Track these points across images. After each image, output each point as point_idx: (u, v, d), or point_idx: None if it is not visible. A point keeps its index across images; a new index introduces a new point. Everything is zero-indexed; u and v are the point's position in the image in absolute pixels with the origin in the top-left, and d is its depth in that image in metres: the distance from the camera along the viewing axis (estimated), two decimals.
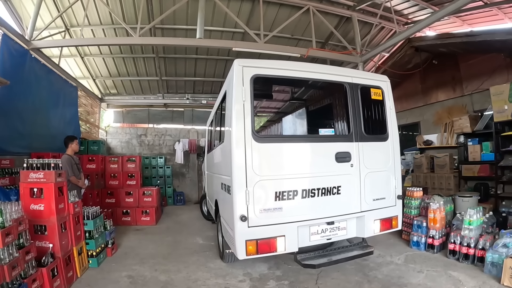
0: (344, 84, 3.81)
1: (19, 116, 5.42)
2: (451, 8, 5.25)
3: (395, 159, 4.06)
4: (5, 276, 2.57)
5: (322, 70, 3.83)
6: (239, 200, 3.19)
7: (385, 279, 3.64)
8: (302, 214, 3.40)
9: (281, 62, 3.66)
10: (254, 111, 3.35)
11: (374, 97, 4.00)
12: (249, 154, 3.24)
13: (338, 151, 3.62)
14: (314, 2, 6.89)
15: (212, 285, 3.64)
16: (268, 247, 3.24)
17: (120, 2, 6.61)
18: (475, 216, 4.20)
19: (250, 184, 3.21)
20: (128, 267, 4.23)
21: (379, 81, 4.12)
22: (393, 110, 4.14)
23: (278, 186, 3.32)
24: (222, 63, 9.73)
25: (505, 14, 6.75)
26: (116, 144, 11.00)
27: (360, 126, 3.81)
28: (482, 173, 6.61)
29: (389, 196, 3.97)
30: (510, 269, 3.38)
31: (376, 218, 3.81)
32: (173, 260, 4.55)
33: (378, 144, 3.97)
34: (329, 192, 3.54)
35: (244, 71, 3.35)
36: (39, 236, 3.42)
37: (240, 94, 3.28)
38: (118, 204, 7.24)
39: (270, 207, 3.27)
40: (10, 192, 4.10)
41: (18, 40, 5.50)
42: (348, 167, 3.67)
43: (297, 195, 3.39)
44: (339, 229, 3.68)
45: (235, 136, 3.24)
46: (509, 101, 5.79)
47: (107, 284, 3.67)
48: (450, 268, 3.93)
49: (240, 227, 3.17)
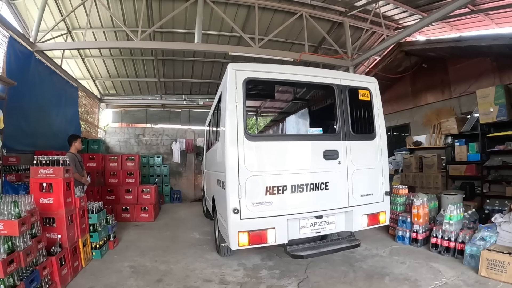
0: (332, 86, 3.98)
1: (24, 116, 5.65)
2: (438, 15, 5.55)
3: (382, 157, 4.21)
4: (21, 261, 2.81)
5: (311, 72, 3.99)
6: (232, 194, 3.38)
7: (370, 269, 3.92)
8: (292, 208, 3.58)
9: (272, 66, 3.84)
10: (246, 112, 3.55)
11: (362, 98, 4.16)
12: (242, 151, 3.43)
13: (326, 149, 3.79)
14: (308, 8, 7.17)
15: (209, 274, 3.90)
16: (259, 238, 3.42)
17: (121, 7, 6.84)
18: (455, 211, 4.50)
19: (242, 179, 3.40)
20: (130, 259, 4.48)
21: (367, 82, 4.28)
22: (380, 110, 4.28)
23: (268, 181, 3.50)
24: (218, 66, 9.99)
25: (492, 20, 7.06)
26: (114, 144, 11.23)
27: (347, 126, 3.97)
28: (469, 173, 6.90)
29: (377, 192, 4.11)
30: (486, 261, 3.62)
31: (364, 213, 3.95)
32: (172, 252, 4.80)
33: (365, 143, 4.12)
34: (317, 187, 3.71)
35: (237, 74, 3.55)
36: (48, 227, 3.64)
37: (233, 95, 3.48)
38: (118, 201, 7.48)
39: (261, 200, 3.46)
40: (19, 187, 4.32)
41: (23, 43, 5.73)
42: (336, 164, 3.84)
43: (287, 190, 3.56)
44: (328, 223, 3.83)
45: (229, 134, 3.45)
46: (494, 104, 6.07)
47: (111, 273, 3.92)
48: (431, 260, 4.21)
49: (233, 219, 3.36)
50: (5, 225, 2.79)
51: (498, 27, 7.09)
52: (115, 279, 3.73)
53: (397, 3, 6.88)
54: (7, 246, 2.72)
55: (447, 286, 3.46)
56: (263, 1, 6.81)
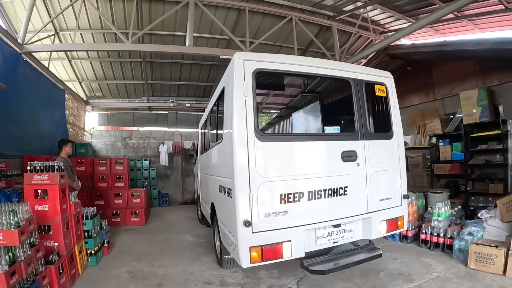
0: (349, 80, 3.64)
1: (12, 119, 5.50)
2: (426, 21, 5.81)
3: (400, 157, 3.92)
4: (22, 272, 2.76)
5: (326, 65, 3.63)
6: (242, 204, 2.97)
7: (364, 266, 3.97)
8: (309, 217, 3.22)
9: (284, 56, 3.48)
10: (257, 108, 3.12)
11: (378, 94, 3.85)
12: (252, 154, 3.02)
13: (344, 150, 3.45)
14: (297, 12, 7.27)
15: (208, 276, 3.93)
16: (274, 253, 3.02)
17: (111, 8, 6.76)
18: (443, 208, 4.74)
19: (254, 186, 3.00)
20: (126, 264, 4.44)
21: (383, 77, 3.96)
22: (397, 107, 3.99)
23: (283, 188, 3.11)
24: (206, 68, 10.00)
25: (475, 25, 7.34)
26: (101, 147, 11.03)
27: (365, 124, 3.64)
28: (453, 172, 7.19)
29: (395, 196, 3.82)
30: (475, 254, 3.85)
31: (382, 219, 3.65)
32: (168, 256, 4.80)
33: (383, 142, 3.81)
34: (336, 193, 3.36)
35: (245, 64, 3.13)
36: (44, 235, 3.56)
37: (242, 89, 3.06)
38: (108, 206, 7.36)
39: (275, 210, 3.07)
40: (11, 194, 4.21)
41: (11, 44, 5.57)
42: (354, 166, 3.50)
43: (303, 197, 3.19)
44: (346, 232, 3.51)
45: (237, 135, 3.02)
46: (477, 105, 6.36)
47: (109, 279, 3.89)
48: (422, 255, 4.40)
49: (244, 233, 2.95)
50: (4, 235, 2.75)
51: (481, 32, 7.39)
52: (115, 286, 3.72)
53: (385, 9, 7.08)
54: (8, 258, 2.67)
55: (439, 279, 3.65)
56: (253, 4, 6.87)
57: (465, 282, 3.52)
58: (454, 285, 3.47)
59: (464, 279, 3.61)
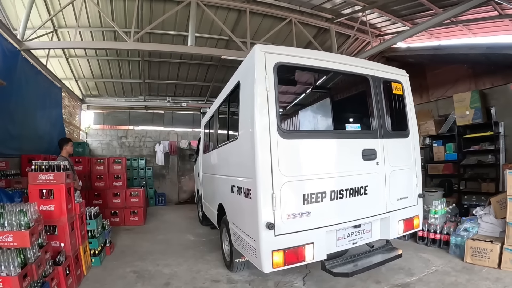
0: (367, 77, 3.62)
1: (10, 118, 5.42)
2: (424, 26, 6.04)
3: (415, 156, 3.92)
4: (34, 274, 2.75)
5: (346, 61, 3.58)
6: (265, 206, 2.85)
7: None
8: (331, 218, 3.16)
9: (305, 50, 3.42)
10: (279, 103, 3.01)
11: (395, 92, 3.84)
12: (275, 152, 2.91)
13: (365, 148, 3.41)
14: (296, 14, 7.35)
15: (214, 274, 3.99)
16: (296, 256, 2.93)
17: (111, 6, 6.71)
18: (439, 206, 4.97)
19: (277, 186, 2.89)
20: (130, 264, 4.46)
21: (399, 75, 3.95)
22: (412, 105, 3.98)
23: (306, 188, 3.03)
24: (204, 68, 10.00)
25: (469, 30, 7.51)
26: (96, 146, 10.96)
27: (384, 122, 3.63)
28: (446, 171, 7.40)
29: (411, 195, 3.81)
30: (471, 249, 4.08)
31: (400, 219, 3.63)
32: (171, 255, 4.84)
33: (400, 141, 3.80)
34: (357, 192, 3.31)
35: (267, 57, 3.02)
36: (50, 236, 3.52)
37: (263, 83, 2.94)
38: (106, 205, 7.31)
39: (298, 211, 2.97)
40: (14, 194, 4.17)
41: (11, 40, 5.50)
42: (374, 165, 3.47)
43: (326, 197, 3.12)
44: (365, 232, 3.48)
45: (259, 132, 2.89)
46: (470, 108, 6.56)
47: (115, 280, 3.91)
48: (420, 251, 4.59)
49: (266, 236, 2.83)
50: (15, 237, 2.74)
51: (474, 37, 7.58)
52: (122, 286, 3.74)
53: (383, 13, 7.21)
54: (20, 259, 2.66)
55: (438, 272, 3.85)
56: (254, 6, 6.93)
57: (463, 275, 3.71)
58: (452, 278, 3.65)
59: (462, 272, 3.80)
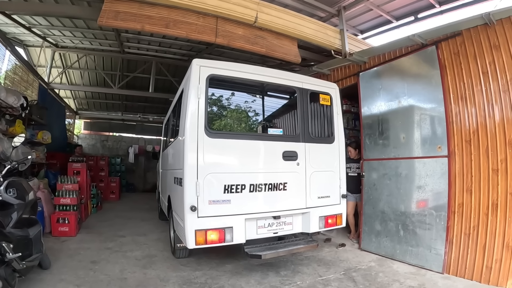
0: (295, 89, 3.99)
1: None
2: None
3: (340, 160, 4.25)
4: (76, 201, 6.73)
5: (275, 74, 3.97)
6: (190, 191, 3.27)
7: None
8: (250, 207, 3.51)
9: (236, 64, 3.81)
10: (207, 108, 3.45)
11: (322, 102, 4.19)
12: (201, 148, 3.31)
13: (286, 150, 3.77)
14: None
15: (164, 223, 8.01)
16: (217, 237, 3.30)
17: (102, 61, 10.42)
18: None
19: (201, 176, 3.29)
20: (113, 214, 8.34)
21: (329, 88, 4.32)
22: (340, 115, 4.32)
23: (227, 180, 3.41)
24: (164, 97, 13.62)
25: None
26: (85, 147, 14.42)
27: (307, 128, 3.97)
28: None
29: (334, 195, 4.13)
30: None
31: (321, 215, 3.95)
32: (136, 212, 8.75)
33: (324, 146, 4.14)
34: (276, 187, 3.66)
35: (201, 70, 3.44)
36: None
37: (196, 91, 3.37)
38: None
39: (219, 199, 3.36)
40: (56, 173, 8.00)
41: (43, 84, 9.30)
42: (295, 165, 3.81)
43: (245, 189, 3.48)
44: (285, 224, 3.80)
45: (189, 130, 3.33)
46: None
47: (106, 215, 7.91)
48: None
49: (190, 217, 3.24)
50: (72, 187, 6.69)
51: None
52: (112, 216, 7.77)
53: None
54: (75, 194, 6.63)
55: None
56: None
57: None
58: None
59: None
